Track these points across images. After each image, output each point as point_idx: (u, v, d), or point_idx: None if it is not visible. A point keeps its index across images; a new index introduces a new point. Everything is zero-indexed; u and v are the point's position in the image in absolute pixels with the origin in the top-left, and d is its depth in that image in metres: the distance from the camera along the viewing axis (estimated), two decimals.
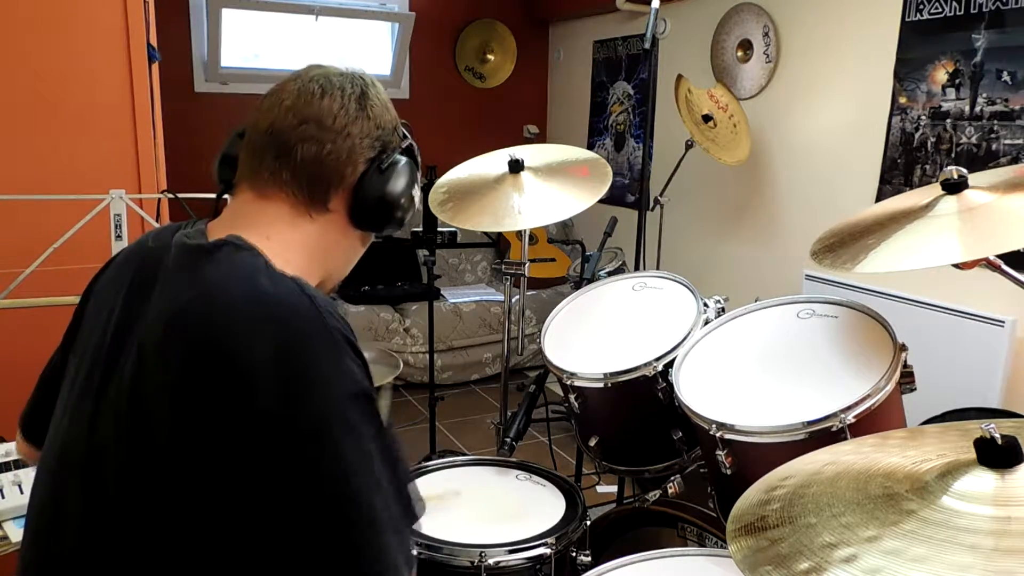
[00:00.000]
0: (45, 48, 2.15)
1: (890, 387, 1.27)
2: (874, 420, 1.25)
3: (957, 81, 2.64)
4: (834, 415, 1.23)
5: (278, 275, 0.85)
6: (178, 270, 0.87)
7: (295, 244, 0.93)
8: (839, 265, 1.17)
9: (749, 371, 1.45)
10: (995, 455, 0.75)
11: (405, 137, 1.01)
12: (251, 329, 0.79)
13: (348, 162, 0.94)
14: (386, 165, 0.96)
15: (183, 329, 0.81)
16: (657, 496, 1.57)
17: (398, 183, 0.97)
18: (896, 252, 1.13)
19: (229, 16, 3.98)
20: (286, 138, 0.92)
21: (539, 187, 1.86)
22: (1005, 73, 2.49)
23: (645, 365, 1.54)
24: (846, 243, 1.23)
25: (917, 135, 2.78)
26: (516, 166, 1.88)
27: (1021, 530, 0.68)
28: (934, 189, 1.20)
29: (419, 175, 1.03)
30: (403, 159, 0.99)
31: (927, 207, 1.18)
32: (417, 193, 1.02)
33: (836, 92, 3.12)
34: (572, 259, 4.33)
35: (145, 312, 0.86)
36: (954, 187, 1.17)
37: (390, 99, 1.02)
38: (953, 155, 2.67)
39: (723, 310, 1.66)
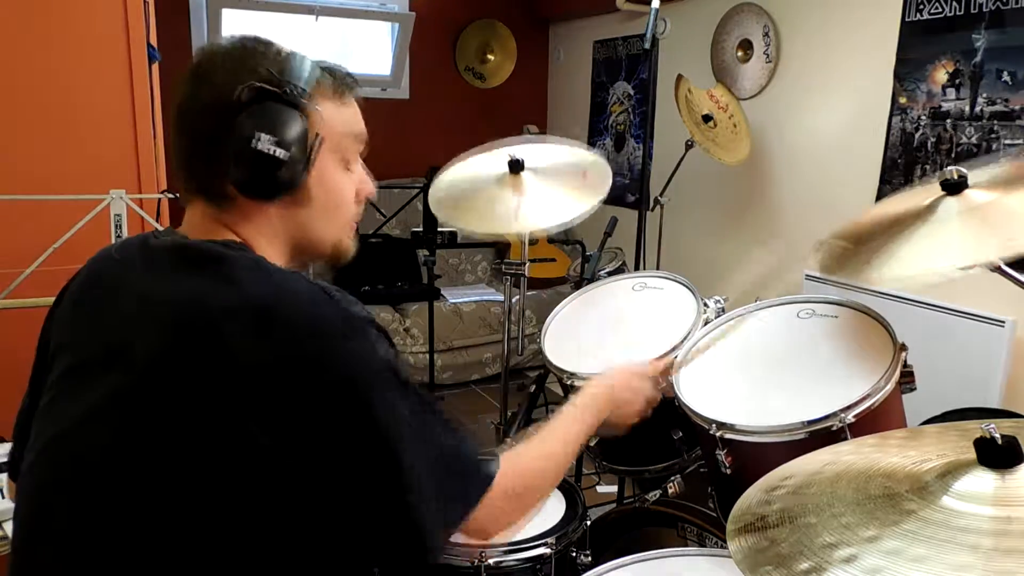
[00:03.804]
0: (45, 48, 2.15)
1: (890, 387, 1.27)
2: (874, 420, 1.25)
3: (957, 81, 2.64)
4: (834, 415, 1.23)
5: (286, 271, 0.87)
6: (173, 270, 0.87)
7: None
8: (852, 276, 1.15)
9: (749, 371, 1.45)
10: (995, 455, 0.75)
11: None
12: (273, 324, 0.80)
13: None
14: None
15: (197, 328, 0.81)
16: (657, 496, 1.57)
17: None
18: (905, 259, 1.11)
19: (229, 16, 3.98)
20: None
21: (538, 192, 1.85)
22: (1005, 73, 2.49)
23: None
24: (854, 251, 1.21)
25: (917, 135, 2.78)
26: (516, 166, 1.87)
27: (1021, 530, 0.68)
28: (933, 189, 1.19)
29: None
30: None
31: (929, 209, 1.17)
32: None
33: (836, 92, 3.12)
34: (572, 259, 4.32)
35: (137, 315, 0.85)
36: (954, 187, 1.16)
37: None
38: (953, 155, 2.66)
39: (723, 310, 1.66)
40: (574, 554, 1.46)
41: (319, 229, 0.98)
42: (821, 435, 1.22)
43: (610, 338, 1.71)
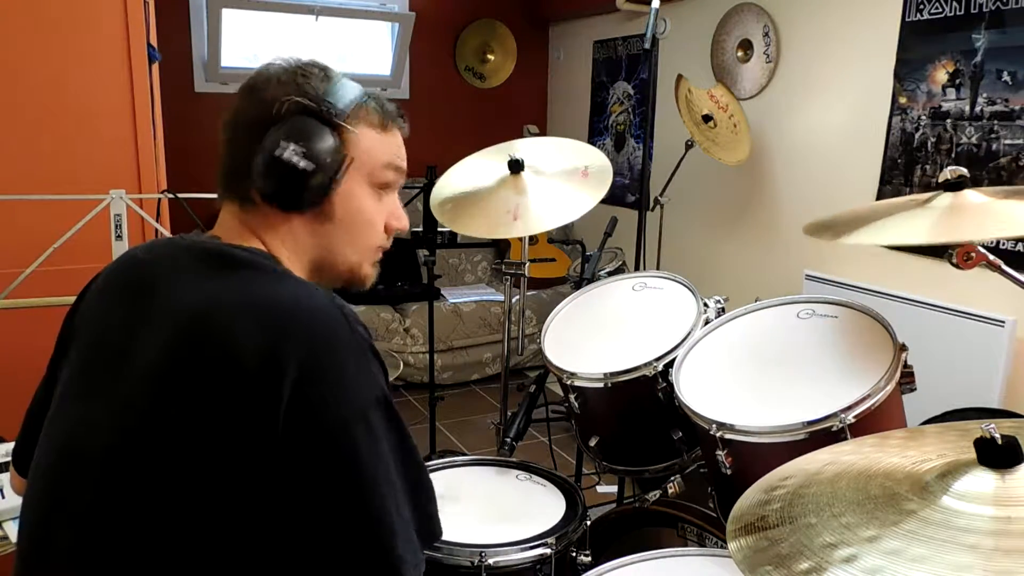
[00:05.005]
0: (46, 49, 2.16)
1: (890, 387, 1.27)
2: (874, 420, 1.25)
3: (957, 81, 2.64)
4: (834, 415, 1.23)
5: (307, 284, 0.88)
6: (199, 272, 0.88)
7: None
8: (830, 237, 1.21)
9: (749, 371, 1.45)
10: (995, 455, 0.75)
11: None
12: (284, 333, 0.80)
13: None
14: None
15: (211, 330, 0.81)
16: (657, 496, 1.57)
17: None
18: (882, 231, 1.17)
19: (229, 16, 3.98)
20: None
21: (538, 192, 1.85)
22: (1005, 73, 2.49)
23: (645, 365, 1.54)
24: (841, 222, 1.25)
25: (917, 135, 2.78)
26: (516, 166, 1.87)
27: (1021, 530, 0.68)
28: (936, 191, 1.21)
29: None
30: None
31: (926, 201, 1.20)
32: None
33: (836, 92, 3.12)
34: (572, 259, 4.33)
35: (157, 314, 0.86)
36: (954, 186, 1.18)
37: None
38: (953, 155, 2.66)
39: (723, 310, 1.66)
40: (574, 554, 1.46)
41: (340, 249, 0.99)
42: (821, 435, 1.22)
43: (610, 338, 1.71)
